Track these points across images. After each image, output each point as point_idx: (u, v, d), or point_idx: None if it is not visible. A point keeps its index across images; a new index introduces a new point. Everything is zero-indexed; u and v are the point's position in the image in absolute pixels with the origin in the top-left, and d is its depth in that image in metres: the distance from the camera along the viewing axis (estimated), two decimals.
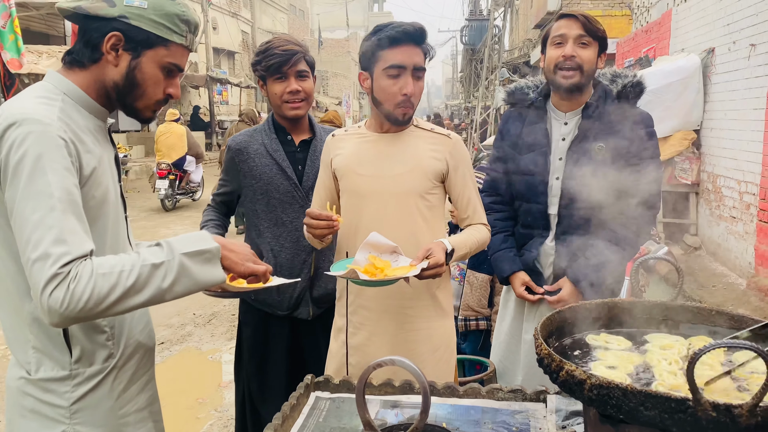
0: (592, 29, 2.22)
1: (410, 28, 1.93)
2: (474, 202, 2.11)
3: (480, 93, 23.35)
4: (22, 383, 1.39)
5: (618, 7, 16.05)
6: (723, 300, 5.62)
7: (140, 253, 1.30)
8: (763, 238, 5.67)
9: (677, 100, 7.24)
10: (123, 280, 1.24)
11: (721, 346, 0.99)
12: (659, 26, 9.22)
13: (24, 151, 1.22)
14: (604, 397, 1.08)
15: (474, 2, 27.43)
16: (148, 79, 1.41)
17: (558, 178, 2.32)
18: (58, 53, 11.83)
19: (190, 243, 1.34)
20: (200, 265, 1.34)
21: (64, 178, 1.24)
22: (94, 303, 1.21)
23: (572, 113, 2.34)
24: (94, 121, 1.42)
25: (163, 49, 1.41)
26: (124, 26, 1.36)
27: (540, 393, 1.59)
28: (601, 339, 1.49)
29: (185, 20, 1.43)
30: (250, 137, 2.43)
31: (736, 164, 6.44)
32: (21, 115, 1.25)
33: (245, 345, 2.52)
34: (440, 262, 1.82)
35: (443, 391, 1.63)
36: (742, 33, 6.29)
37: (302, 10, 43.51)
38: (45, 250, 1.19)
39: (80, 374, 1.40)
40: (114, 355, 1.45)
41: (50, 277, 1.18)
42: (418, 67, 1.94)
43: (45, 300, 1.18)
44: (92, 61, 1.39)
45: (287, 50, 2.28)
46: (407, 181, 2.00)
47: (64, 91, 1.38)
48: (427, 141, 2.05)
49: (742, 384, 1.25)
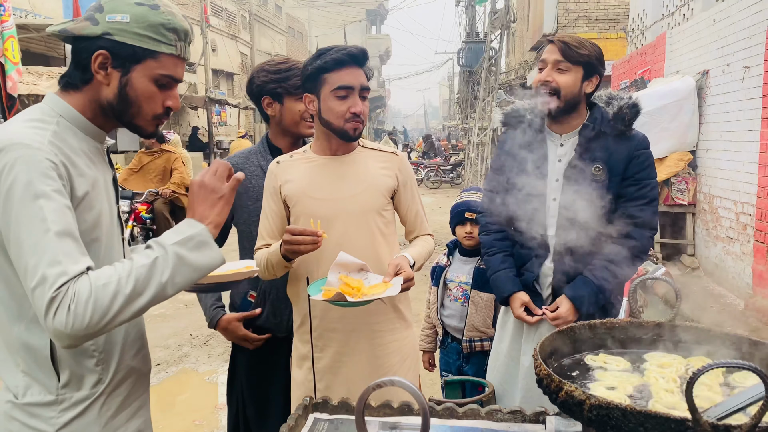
0: (570, 54, 2.25)
1: (355, 51, 1.99)
2: (421, 215, 2.22)
3: (477, 114, 23.49)
4: (9, 407, 1.36)
5: (613, 30, 16.25)
6: (721, 321, 5.61)
7: (133, 258, 1.29)
8: (761, 259, 5.68)
9: (673, 122, 7.30)
10: (123, 287, 1.23)
11: (719, 366, 0.99)
12: (654, 48, 9.33)
13: (14, 177, 1.21)
14: (603, 418, 1.08)
15: (471, 25, 27.72)
16: (141, 95, 1.38)
17: (555, 199, 2.34)
18: (57, 74, 11.86)
19: (177, 233, 1.34)
20: (194, 251, 1.33)
21: (56, 201, 1.23)
22: (100, 316, 1.20)
23: (568, 135, 2.36)
24: (90, 143, 1.40)
25: (153, 61, 1.37)
26: (109, 43, 1.34)
27: (539, 414, 1.58)
28: (600, 360, 1.49)
29: (172, 29, 1.38)
30: (246, 158, 2.43)
31: (732, 185, 6.47)
32: (8, 140, 1.24)
33: (240, 368, 2.49)
34: (411, 276, 1.91)
35: (442, 413, 1.62)
36: (736, 56, 6.37)
37: (300, 32, 43.91)
38: (42, 275, 1.18)
39: (67, 399, 1.36)
40: (103, 380, 1.41)
41: (49, 300, 1.17)
42: (364, 87, 2.01)
43: (50, 325, 1.17)
44: (84, 82, 1.38)
45: None
46: (364, 201, 2.04)
47: (60, 113, 1.36)
48: (376, 159, 2.11)
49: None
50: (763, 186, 5.70)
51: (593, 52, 2.29)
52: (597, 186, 2.26)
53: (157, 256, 1.28)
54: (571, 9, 17.00)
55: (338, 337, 2.07)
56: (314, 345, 2.08)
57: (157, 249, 1.30)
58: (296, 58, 2.93)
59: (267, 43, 32.19)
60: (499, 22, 23.90)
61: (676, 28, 8.78)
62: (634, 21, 12.17)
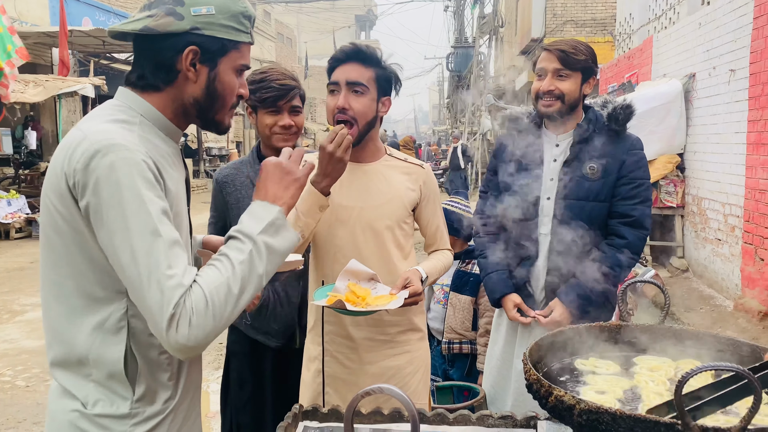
0: (570, 62, 2.30)
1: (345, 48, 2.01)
2: (441, 230, 2.19)
3: (467, 119, 23.56)
4: (76, 417, 1.28)
5: (600, 34, 16.37)
6: (711, 322, 5.64)
7: (229, 255, 1.24)
8: (749, 260, 5.72)
9: (660, 125, 7.35)
10: (232, 288, 1.20)
11: (708, 369, 0.99)
12: (641, 52, 9.40)
13: (116, 181, 1.15)
14: (593, 422, 1.08)
15: (459, 30, 27.84)
16: (227, 88, 1.34)
17: (549, 198, 2.36)
18: (45, 82, 11.81)
19: (258, 219, 1.28)
20: (276, 236, 1.28)
21: (159, 205, 1.18)
22: (216, 322, 1.18)
23: (564, 135, 2.39)
24: (170, 143, 1.34)
25: (235, 52, 1.33)
26: (199, 38, 1.27)
27: (530, 419, 1.58)
28: (590, 364, 1.49)
29: (248, 16, 1.34)
30: (237, 169, 2.43)
31: (720, 187, 6.52)
32: (107, 141, 1.16)
33: (234, 376, 2.47)
34: (419, 291, 1.89)
35: (433, 419, 1.62)
36: (722, 59, 6.42)
37: (290, 38, 43.89)
38: (159, 287, 1.13)
39: (140, 413, 1.30)
40: (174, 396, 1.36)
41: (169, 318, 1.13)
42: (351, 82, 1.95)
43: (173, 340, 1.14)
44: (167, 82, 1.29)
45: (284, 85, 2.29)
46: (385, 212, 2.02)
47: (142, 113, 1.29)
48: (401, 171, 2.09)
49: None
50: (750, 188, 5.75)
51: (589, 56, 2.34)
52: (591, 185, 2.30)
53: (251, 249, 1.24)
54: (558, 13, 17.11)
55: (350, 344, 2.05)
56: (325, 349, 2.07)
57: (247, 241, 1.25)
58: (285, 63, 2.91)
59: (256, 49, 32.15)
60: (488, 27, 24.02)
61: (662, 31, 8.85)
62: (621, 25, 12.27)
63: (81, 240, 1.21)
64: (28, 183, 12.84)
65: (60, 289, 1.27)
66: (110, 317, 1.25)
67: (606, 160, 2.30)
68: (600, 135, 2.33)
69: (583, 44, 2.35)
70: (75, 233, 1.21)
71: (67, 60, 12.49)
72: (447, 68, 27.28)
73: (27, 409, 4.11)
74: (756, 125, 5.60)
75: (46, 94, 11.40)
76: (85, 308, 1.25)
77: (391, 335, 2.07)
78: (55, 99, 12.16)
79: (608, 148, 2.31)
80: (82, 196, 1.17)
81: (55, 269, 1.26)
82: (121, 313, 1.25)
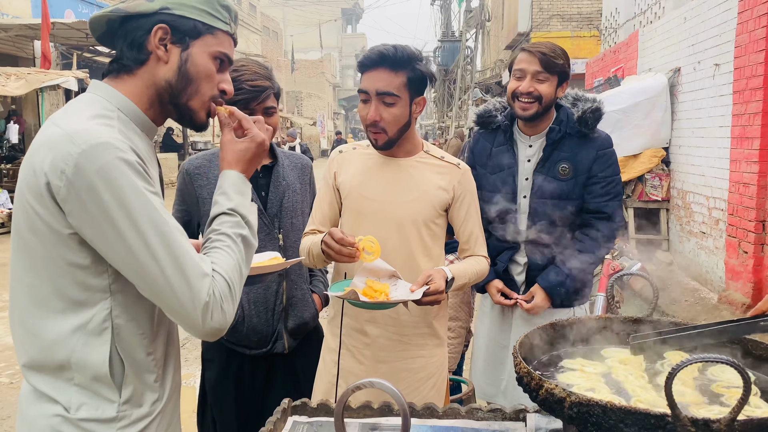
0: (550, 64, 2.34)
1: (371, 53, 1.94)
2: (476, 235, 2.09)
3: (453, 113, 23.58)
4: (58, 422, 1.23)
5: (586, 29, 16.44)
6: (695, 314, 5.70)
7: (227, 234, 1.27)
8: (733, 253, 5.78)
9: (646, 119, 7.40)
10: (242, 268, 1.26)
11: (698, 361, 0.99)
12: (627, 47, 9.44)
13: (114, 183, 1.12)
14: (584, 415, 1.08)
15: (446, 24, 27.83)
16: (202, 71, 1.31)
17: (525, 196, 2.47)
18: (27, 75, 11.66)
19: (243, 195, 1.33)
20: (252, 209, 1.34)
21: (159, 200, 1.18)
22: (236, 301, 1.24)
23: (536, 136, 2.47)
24: (146, 140, 1.32)
25: (211, 37, 1.32)
26: (168, 17, 1.27)
27: (519, 412, 1.58)
28: (578, 364, 1.48)
29: (225, 6, 1.34)
30: (209, 161, 2.28)
31: (705, 180, 6.57)
32: (93, 139, 1.13)
33: (209, 386, 2.33)
34: (440, 289, 1.81)
35: (422, 413, 1.61)
36: (707, 53, 6.47)
37: (276, 31, 43.65)
38: (186, 281, 1.15)
39: (127, 416, 1.27)
40: (161, 397, 1.34)
41: (204, 306, 1.16)
42: (380, 92, 1.89)
43: (208, 328, 1.18)
44: (139, 63, 1.28)
45: (257, 86, 2.13)
46: (413, 210, 1.98)
47: (118, 106, 1.27)
48: (435, 169, 2.02)
49: (713, 397, 1.26)
50: (734, 181, 5.80)
51: (566, 61, 2.41)
52: (563, 184, 2.41)
53: (245, 225, 1.29)
54: (545, 8, 17.14)
55: (366, 341, 2.03)
56: (342, 342, 2.04)
57: (238, 217, 1.29)
58: (271, 57, 2.83)
59: (242, 42, 31.95)
60: (474, 21, 24.03)
61: (648, 26, 8.90)
62: (607, 19, 12.33)
63: (61, 241, 1.18)
64: (10, 178, 12.64)
65: (36, 292, 1.22)
66: (93, 319, 1.22)
67: (577, 160, 2.41)
68: (571, 136, 2.43)
69: (560, 48, 2.42)
70: (54, 235, 1.17)
71: (49, 53, 12.33)
72: (434, 62, 27.26)
73: (11, 406, 4.06)
74: (740, 119, 5.65)
75: (28, 88, 11.26)
76: (64, 311, 1.22)
77: (408, 337, 2.02)
78: (37, 92, 11.98)
79: (579, 148, 2.43)
80: (73, 200, 1.13)
81: (31, 271, 1.22)
82: (104, 314, 1.22)
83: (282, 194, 2.27)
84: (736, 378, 1.31)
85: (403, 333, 2.02)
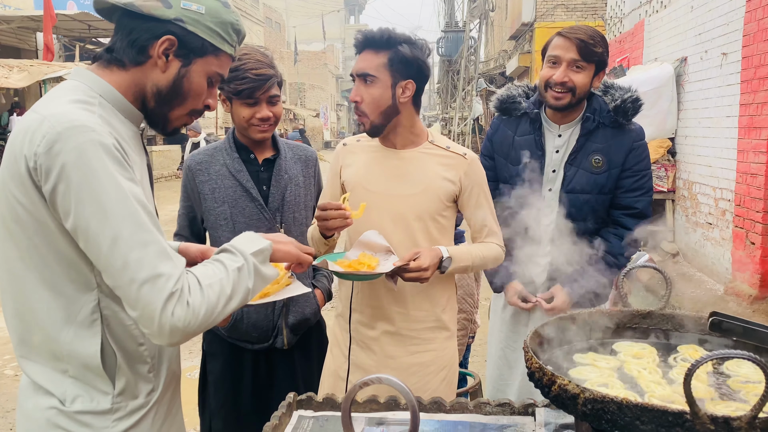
0: (588, 52, 2.17)
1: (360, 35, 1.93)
2: (489, 224, 2.04)
3: (457, 104, 23.50)
4: (53, 414, 1.24)
5: (591, 18, 16.31)
6: (702, 306, 5.67)
7: (220, 261, 1.25)
8: (739, 244, 5.74)
9: (652, 109, 7.33)
10: (224, 288, 1.20)
11: (718, 357, 0.96)
12: (632, 36, 9.36)
13: (86, 165, 1.09)
14: (598, 412, 1.05)
15: (450, 14, 27.66)
16: (195, 89, 1.31)
17: (551, 189, 2.31)
18: (29, 67, 11.63)
19: (251, 242, 1.31)
20: (265, 264, 1.32)
21: (138, 189, 1.15)
22: (207, 314, 1.17)
23: (566, 126, 2.31)
24: (130, 127, 1.30)
25: (214, 58, 1.31)
26: (180, 30, 1.25)
27: (528, 406, 1.55)
28: (589, 358, 1.45)
29: (237, 30, 1.34)
30: (211, 156, 2.25)
31: (711, 171, 6.52)
32: (69, 122, 1.11)
33: (210, 379, 2.33)
34: (423, 266, 1.79)
35: (430, 407, 1.59)
36: (714, 42, 6.40)
37: (278, 22, 43.49)
38: (153, 269, 1.11)
39: (122, 408, 1.27)
40: (156, 388, 1.34)
41: (168, 296, 1.11)
42: (360, 73, 1.90)
43: (167, 320, 1.11)
44: (136, 63, 1.26)
45: (261, 75, 2.10)
46: (418, 203, 1.95)
47: (100, 93, 1.24)
48: (440, 161, 1.97)
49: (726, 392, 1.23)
50: (741, 172, 5.75)
51: (605, 48, 2.23)
52: (597, 178, 2.25)
53: (243, 263, 1.26)
54: None
55: (373, 335, 2.01)
56: (352, 337, 2.03)
57: (239, 255, 1.27)
58: (273, 48, 2.78)
59: None
60: (478, 11, 23.90)
61: (654, 15, 8.81)
62: (612, 9, 12.21)
63: (45, 231, 1.16)
64: None
65: (23, 283, 1.21)
66: (81, 310, 1.21)
67: (611, 152, 2.25)
68: (605, 126, 2.27)
69: (599, 34, 2.24)
70: (38, 224, 1.16)
71: (52, 45, 12.31)
72: (437, 53, 27.13)
73: (15, 399, 4.05)
74: (748, 109, 5.59)
75: (31, 80, 11.25)
76: (52, 301, 1.20)
77: (417, 331, 2.00)
78: (40, 84, 11.99)
79: (613, 139, 2.26)
80: (46, 181, 1.11)
81: (18, 262, 1.20)
82: (92, 305, 1.21)
83: (284, 188, 2.24)
84: (753, 372, 1.28)
85: (412, 328, 1.99)
